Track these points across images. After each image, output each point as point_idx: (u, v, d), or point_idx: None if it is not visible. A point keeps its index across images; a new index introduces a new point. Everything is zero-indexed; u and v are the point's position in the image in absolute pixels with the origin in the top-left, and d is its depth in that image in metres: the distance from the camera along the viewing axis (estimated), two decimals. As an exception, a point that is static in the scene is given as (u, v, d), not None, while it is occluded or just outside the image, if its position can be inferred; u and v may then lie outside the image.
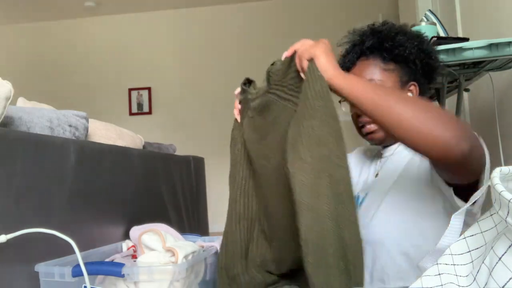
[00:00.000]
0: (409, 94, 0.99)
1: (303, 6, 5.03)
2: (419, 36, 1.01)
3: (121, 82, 5.23)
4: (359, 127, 1.04)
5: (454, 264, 0.62)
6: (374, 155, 1.12)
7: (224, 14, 5.16)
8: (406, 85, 1.00)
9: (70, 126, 1.49)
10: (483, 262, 0.56)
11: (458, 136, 0.67)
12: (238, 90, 0.95)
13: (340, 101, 1.06)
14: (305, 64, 0.75)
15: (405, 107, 0.67)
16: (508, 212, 0.51)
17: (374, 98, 0.68)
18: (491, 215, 0.61)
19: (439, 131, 0.66)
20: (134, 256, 1.31)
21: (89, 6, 5.00)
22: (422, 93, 1.02)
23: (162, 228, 1.26)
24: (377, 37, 1.00)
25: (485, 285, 0.55)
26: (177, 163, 2.44)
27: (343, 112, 1.01)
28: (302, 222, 0.67)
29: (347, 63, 1.05)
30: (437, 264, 0.64)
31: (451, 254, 0.64)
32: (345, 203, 0.67)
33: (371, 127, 1.00)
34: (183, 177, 2.52)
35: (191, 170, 2.72)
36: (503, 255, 0.53)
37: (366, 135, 1.03)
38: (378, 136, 1.00)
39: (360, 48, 1.02)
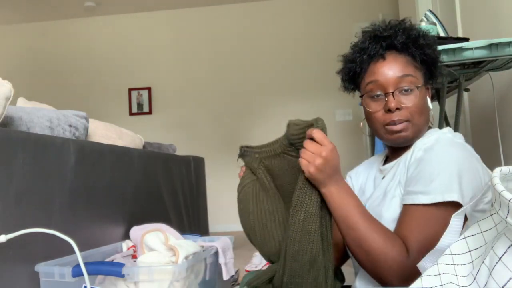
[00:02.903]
0: (427, 97, 0.97)
1: (303, 6, 5.03)
2: (436, 41, 1.01)
3: (121, 82, 5.23)
4: (384, 125, 0.96)
5: (454, 264, 0.62)
6: (380, 162, 1.10)
7: (224, 14, 5.16)
8: (425, 88, 0.98)
9: (70, 126, 1.49)
10: (483, 262, 0.56)
11: (388, 276, 0.81)
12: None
13: (361, 96, 1.02)
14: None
15: (360, 246, 0.84)
16: (508, 212, 0.51)
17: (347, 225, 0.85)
18: (491, 215, 0.61)
19: (374, 271, 0.84)
20: (134, 256, 1.31)
21: (89, 6, 5.00)
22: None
23: (162, 228, 1.26)
24: (408, 34, 0.97)
25: (485, 285, 0.55)
26: (177, 163, 2.44)
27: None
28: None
29: (370, 53, 0.99)
30: (437, 264, 0.64)
31: (451, 254, 0.63)
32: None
33: (404, 125, 0.93)
34: (183, 177, 2.52)
35: (191, 170, 2.72)
36: (503, 255, 0.53)
37: (392, 134, 0.95)
38: (406, 135, 0.94)
39: (390, 42, 0.97)
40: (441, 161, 0.85)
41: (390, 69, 0.95)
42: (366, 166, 1.14)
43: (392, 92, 0.93)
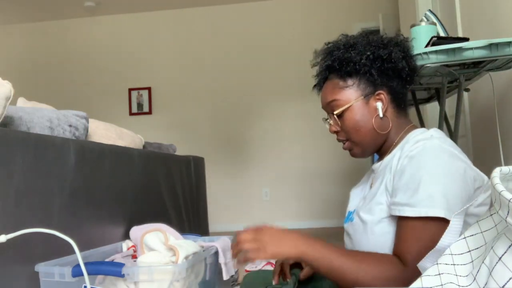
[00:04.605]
0: (378, 103, 0.97)
1: (303, 6, 5.02)
2: (375, 42, 0.98)
3: (121, 82, 5.23)
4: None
5: (454, 264, 0.62)
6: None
7: (224, 14, 5.16)
8: (372, 96, 0.97)
9: (70, 126, 1.49)
10: (483, 262, 0.56)
11: None
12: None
13: (323, 119, 1.07)
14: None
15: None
16: (508, 212, 0.51)
17: (329, 269, 0.84)
18: (491, 215, 0.61)
19: None
20: (134, 256, 1.31)
21: (89, 6, 5.00)
22: (396, 96, 0.99)
23: (162, 228, 1.26)
24: (330, 56, 1.01)
25: (485, 285, 0.55)
26: (177, 163, 2.44)
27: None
28: None
29: (318, 87, 1.07)
30: (437, 264, 0.64)
31: (451, 254, 0.63)
32: None
33: (347, 145, 1.02)
34: (183, 177, 2.52)
35: (191, 170, 2.72)
36: (503, 255, 0.53)
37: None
38: (355, 152, 1.02)
39: (322, 70, 1.04)
40: (426, 172, 0.84)
41: (322, 98, 1.03)
42: (366, 176, 1.15)
43: (327, 119, 1.03)
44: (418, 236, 0.81)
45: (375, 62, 0.96)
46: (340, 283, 0.84)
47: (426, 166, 0.85)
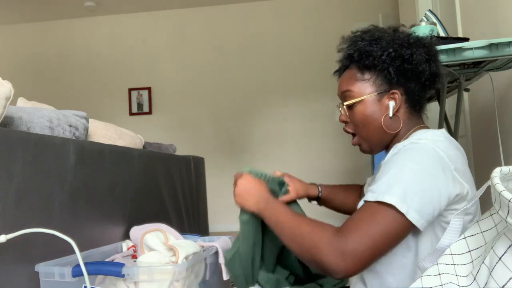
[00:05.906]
0: (391, 102, 0.95)
1: (303, 6, 5.02)
2: (401, 40, 0.95)
3: (121, 82, 5.23)
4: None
5: (454, 264, 0.62)
6: None
7: (224, 14, 5.15)
8: (386, 94, 0.96)
9: (70, 126, 1.49)
10: (483, 262, 0.56)
11: (332, 263, 0.80)
12: None
13: (337, 106, 1.07)
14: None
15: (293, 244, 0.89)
16: (508, 212, 0.51)
17: (278, 230, 0.93)
18: (491, 215, 0.61)
19: (315, 263, 0.84)
20: (134, 256, 1.31)
21: (89, 6, 4.99)
22: (411, 98, 0.97)
23: (162, 228, 1.26)
24: (354, 45, 1.00)
25: (485, 285, 0.55)
26: (177, 163, 2.44)
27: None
28: None
29: (338, 73, 1.07)
30: (437, 264, 0.64)
31: (451, 254, 0.64)
32: None
33: (355, 140, 1.03)
34: (183, 177, 2.52)
35: (191, 170, 2.72)
36: (503, 255, 0.53)
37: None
38: (363, 148, 1.04)
39: (343, 58, 1.04)
40: (396, 165, 0.85)
41: (339, 86, 1.04)
42: None
43: (339, 107, 1.04)
44: (366, 217, 0.82)
45: (395, 61, 0.94)
46: (282, 240, 0.92)
47: (399, 161, 0.86)
